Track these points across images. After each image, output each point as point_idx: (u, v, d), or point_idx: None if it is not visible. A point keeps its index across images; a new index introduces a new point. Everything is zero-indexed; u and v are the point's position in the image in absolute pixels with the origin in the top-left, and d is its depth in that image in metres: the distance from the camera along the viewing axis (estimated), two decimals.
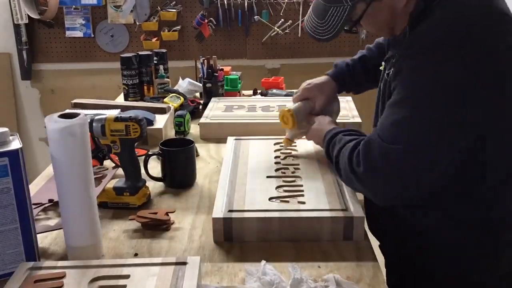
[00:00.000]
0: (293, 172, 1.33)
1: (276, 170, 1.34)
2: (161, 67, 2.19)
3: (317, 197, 1.18)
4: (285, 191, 1.22)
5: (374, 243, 1.13)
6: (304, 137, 1.46)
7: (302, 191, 1.21)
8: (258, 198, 1.19)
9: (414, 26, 1.09)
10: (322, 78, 1.49)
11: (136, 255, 1.08)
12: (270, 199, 1.18)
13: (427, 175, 1.05)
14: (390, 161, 1.05)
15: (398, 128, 1.05)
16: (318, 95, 1.45)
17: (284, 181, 1.27)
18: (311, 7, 1.22)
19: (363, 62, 1.50)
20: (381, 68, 1.28)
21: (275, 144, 1.52)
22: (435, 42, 1.03)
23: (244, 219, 1.11)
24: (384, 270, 1.11)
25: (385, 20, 1.15)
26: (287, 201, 1.17)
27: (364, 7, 1.10)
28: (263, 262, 0.98)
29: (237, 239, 1.11)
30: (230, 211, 1.13)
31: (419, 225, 1.16)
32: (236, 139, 1.57)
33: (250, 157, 1.43)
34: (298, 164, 1.38)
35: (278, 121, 1.49)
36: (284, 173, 1.33)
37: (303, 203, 1.16)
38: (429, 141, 1.02)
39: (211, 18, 3.12)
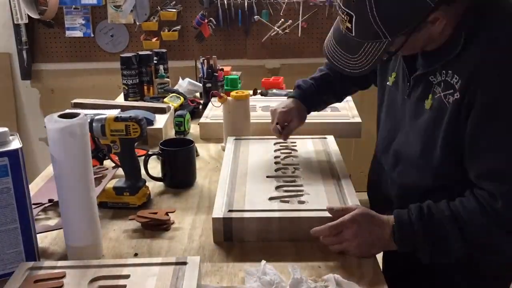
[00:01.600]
0: (293, 172, 1.33)
1: (276, 170, 1.34)
2: (161, 67, 2.19)
3: (317, 197, 1.19)
4: (285, 191, 1.22)
5: None
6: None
7: (302, 191, 1.21)
8: (258, 198, 1.19)
9: (471, 39, 1.01)
10: (291, 101, 1.46)
11: (136, 255, 1.08)
12: (270, 199, 1.18)
13: None
14: None
15: None
16: (294, 118, 1.44)
17: (284, 181, 1.28)
18: (332, 36, 1.12)
19: (327, 81, 1.48)
20: (391, 80, 1.24)
21: (275, 144, 1.52)
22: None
23: (244, 219, 1.10)
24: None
25: (421, 45, 1.08)
26: (287, 201, 1.17)
27: (403, 40, 1.03)
28: (263, 262, 0.98)
29: (237, 239, 1.11)
30: (230, 211, 1.13)
31: None
32: (236, 139, 1.57)
33: (250, 157, 1.43)
34: (297, 164, 1.37)
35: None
36: (284, 173, 1.33)
37: (303, 203, 1.16)
38: None
39: (211, 18, 3.12)
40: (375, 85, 1.41)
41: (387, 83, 1.27)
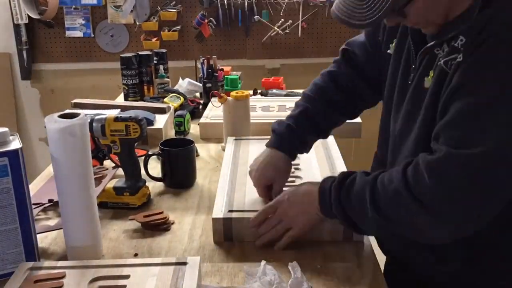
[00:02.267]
0: (293, 172, 1.32)
1: None
2: (161, 67, 2.19)
3: None
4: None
5: (374, 242, 1.13)
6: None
7: None
8: (258, 198, 1.18)
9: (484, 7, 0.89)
10: (267, 154, 1.22)
11: (136, 255, 1.07)
12: (270, 199, 1.18)
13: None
14: (472, 170, 0.85)
15: (478, 123, 0.85)
16: (276, 177, 1.19)
17: None
18: None
19: (307, 117, 1.24)
20: (392, 48, 1.10)
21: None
22: None
23: (244, 219, 1.10)
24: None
25: (443, 7, 0.93)
26: None
27: None
28: (263, 262, 0.98)
29: (237, 239, 1.11)
30: (230, 211, 1.13)
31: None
32: (236, 139, 1.57)
33: (250, 157, 1.43)
34: (298, 164, 1.37)
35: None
36: None
37: None
38: None
39: (211, 18, 3.12)
40: (364, 108, 1.31)
41: (388, 51, 1.12)
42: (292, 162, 1.26)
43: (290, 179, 1.28)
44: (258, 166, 1.21)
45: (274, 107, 1.91)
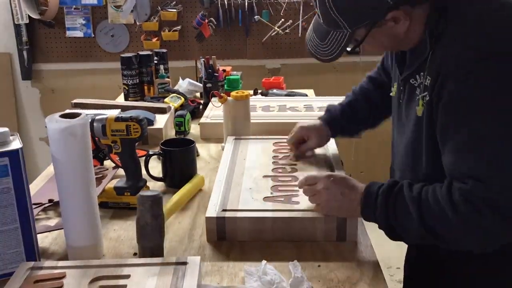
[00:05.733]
0: (289, 172, 1.33)
1: (273, 169, 1.35)
2: (162, 67, 2.19)
3: None
4: (280, 190, 1.22)
5: (374, 242, 1.13)
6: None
7: (297, 190, 1.21)
8: (253, 197, 1.19)
9: (438, 39, 1.00)
10: (317, 123, 1.44)
11: (135, 254, 1.08)
12: (264, 198, 1.18)
13: None
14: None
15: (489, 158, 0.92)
16: (313, 136, 1.41)
17: (280, 181, 1.28)
18: (312, 23, 1.16)
19: (351, 108, 1.45)
20: (394, 90, 1.21)
21: (274, 143, 1.52)
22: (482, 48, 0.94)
23: (237, 219, 1.11)
24: (384, 270, 1.11)
25: (387, 43, 1.09)
26: (281, 201, 1.17)
27: (365, 33, 1.04)
28: (264, 262, 0.98)
29: (230, 238, 1.11)
30: (224, 210, 1.13)
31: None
32: (235, 138, 1.57)
33: (248, 156, 1.43)
34: (295, 164, 1.38)
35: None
36: (281, 172, 1.33)
37: (297, 203, 1.16)
38: None
39: (211, 18, 3.12)
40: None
41: (391, 94, 1.24)
42: (290, 162, 1.40)
43: (286, 178, 1.29)
44: (307, 124, 1.43)
45: (274, 107, 1.91)
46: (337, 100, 1.54)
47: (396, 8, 0.99)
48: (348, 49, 1.09)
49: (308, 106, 1.91)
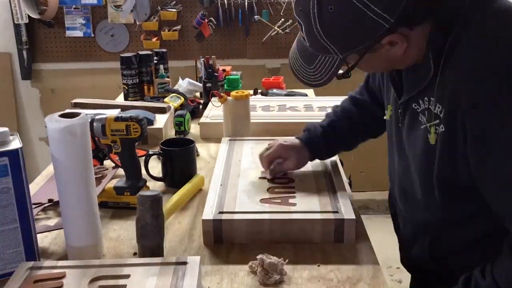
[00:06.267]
0: (285, 174, 1.32)
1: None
2: (161, 66, 2.19)
3: (308, 199, 1.18)
4: (277, 192, 1.22)
5: (374, 243, 1.13)
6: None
7: (294, 192, 1.21)
8: (249, 199, 1.18)
9: (446, 61, 0.91)
10: (297, 143, 1.33)
11: (135, 254, 1.07)
12: (261, 200, 1.17)
13: None
14: None
15: None
16: (291, 159, 1.31)
17: (276, 182, 1.27)
18: (296, 42, 1.06)
19: (333, 129, 1.34)
20: (388, 113, 1.13)
21: (269, 144, 1.47)
22: (500, 69, 0.85)
23: (234, 221, 1.10)
24: (384, 271, 1.10)
25: (382, 66, 1.01)
26: (278, 203, 1.16)
27: (357, 58, 0.95)
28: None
29: (227, 241, 1.10)
30: (221, 212, 1.12)
31: None
32: (230, 139, 1.57)
33: (244, 158, 1.43)
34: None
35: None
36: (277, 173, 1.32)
37: (294, 204, 1.15)
38: None
39: (211, 18, 3.12)
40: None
41: (385, 117, 1.16)
42: None
43: (282, 180, 1.28)
44: (288, 143, 1.32)
45: (274, 107, 1.91)
46: (336, 100, 1.54)
47: (393, 32, 0.90)
48: (339, 73, 1.00)
49: (308, 106, 1.91)
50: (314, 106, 1.91)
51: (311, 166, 1.36)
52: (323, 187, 1.24)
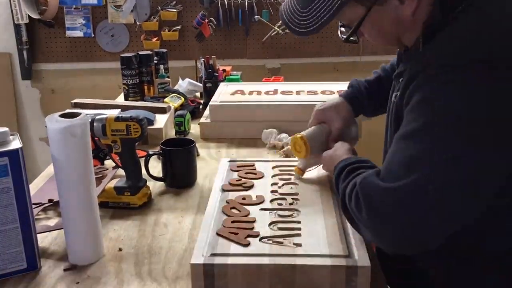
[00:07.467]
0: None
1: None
2: (162, 66, 2.19)
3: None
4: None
5: None
6: (319, 166, 1.26)
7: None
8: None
9: (430, 38, 0.90)
10: (336, 99, 1.31)
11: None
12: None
13: (446, 223, 0.85)
14: (398, 204, 0.85)
15: (410, 164, 0.85)
16: (334, 118, 1.26)
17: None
18: None
19: (379, 83, 1.32)
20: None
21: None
22: (458, 58, 0.84)
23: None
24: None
25: (389, 29, 0.96)
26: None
27: (364, 12, 0.91)
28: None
29: None
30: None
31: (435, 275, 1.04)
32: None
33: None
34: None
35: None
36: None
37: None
38: (449, 184, 0.82)
39: (211, 18, 3.12)
40: None
41: None
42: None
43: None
44: (323, 106, 1.30)
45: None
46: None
47: None
48: (345, 36, 0.97)
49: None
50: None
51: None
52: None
